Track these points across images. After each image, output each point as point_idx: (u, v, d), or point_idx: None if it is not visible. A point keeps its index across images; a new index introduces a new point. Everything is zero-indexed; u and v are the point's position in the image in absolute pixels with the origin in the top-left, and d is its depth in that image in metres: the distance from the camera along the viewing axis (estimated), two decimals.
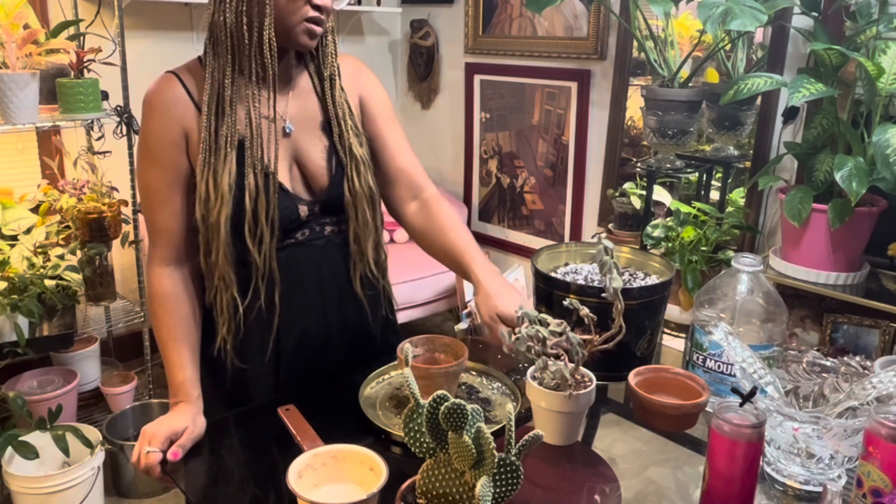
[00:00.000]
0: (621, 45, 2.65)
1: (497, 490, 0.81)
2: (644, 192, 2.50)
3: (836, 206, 1.77)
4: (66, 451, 1.87)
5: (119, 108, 2.28)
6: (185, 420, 1.11)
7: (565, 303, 1.03)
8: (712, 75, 2.41)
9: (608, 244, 1.00)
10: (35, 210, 2.32)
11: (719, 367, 1.20)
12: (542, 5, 2.15)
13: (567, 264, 1.45)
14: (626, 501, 0.98)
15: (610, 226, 2.71)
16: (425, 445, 0.85)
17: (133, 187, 2.36)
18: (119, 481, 2.25)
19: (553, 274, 1.36)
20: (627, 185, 2.68)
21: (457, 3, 3.30)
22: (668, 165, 2.36)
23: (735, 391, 0.95)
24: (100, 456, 2.05)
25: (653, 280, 1.37)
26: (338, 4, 1.19)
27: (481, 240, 3.30)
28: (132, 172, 2.35)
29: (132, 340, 2.74)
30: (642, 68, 2.65)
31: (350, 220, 1.26)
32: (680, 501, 1.00)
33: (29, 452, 1.82)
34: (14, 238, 2.20)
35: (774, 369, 1.08)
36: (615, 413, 1.24)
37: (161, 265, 1.20)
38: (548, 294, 1.31)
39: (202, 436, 1.12)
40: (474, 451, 0.79)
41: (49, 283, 2.13)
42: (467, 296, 2.81)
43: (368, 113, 1.30)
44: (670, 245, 2.23)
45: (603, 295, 1.03)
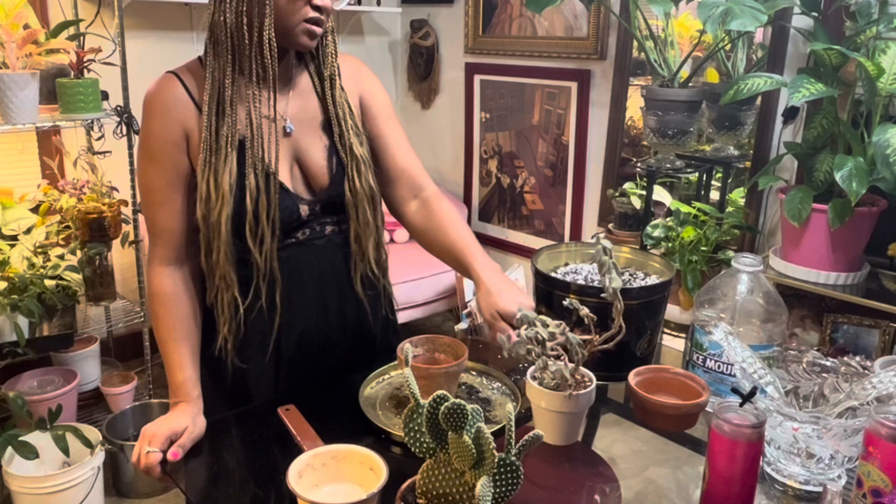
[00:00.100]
0: (621, 45, 2.65)
1: (497, 490, 0.81)
2: (644, 192, 2.50)
3: (836, 206, 1.77)
4: (66, 451, 1.87)
5: (119, 108, 2.28)
6: (185, 420, 1.11)
7: (565, 303, 1.03)
8: (712, 75, 2.41)
9: (606, 244, 1.00)
10: (35, 210, 2.32)
11: (719, 367, 1.20)
12: (542, 5, 2.15)
13: (567, 264, 1.45)
14: (626, 501, 0.99)
15: (610, 226, 2.71)
16: (425, 445, 0.85)
17: (133, 187, 2.36)
18: (119, 481, 2.25)
19: (553, 274, 1.36)
20: (627, 185, 2.67)
21: (457, 3, 3.30)
22: (668, 165, 2.36)
23: (735, 391, 0.95)
24: (100, 456, 2.05)
25: (653, 280, 1.38)
26: (338, 5, 1.19)
27: (481, 240, 3.26)
28: (132, 172, 2.35)
29: (132, 340, 2.74)
30: (642, 68, 2.65)
31: (351, 220, 1.26)
32: (680, 501, 1.00)
33: (29, 452, 1.82)
34: (14, 238, 2.20)
35: (774, 369, 1.08)
36: (615, 413, 1.24)
37: (161, 265, 1.20)
38: (548, 294, 1.31)
39: (202, 436, 1.12)
40: (474, 451, 0.79)
41: (49, 283, 2.13)
42: (467, 296, 2.81)
43: (369, 112, 1.30)
44: (670, 245, 2.23)
45: (603, 295, 1.03)
